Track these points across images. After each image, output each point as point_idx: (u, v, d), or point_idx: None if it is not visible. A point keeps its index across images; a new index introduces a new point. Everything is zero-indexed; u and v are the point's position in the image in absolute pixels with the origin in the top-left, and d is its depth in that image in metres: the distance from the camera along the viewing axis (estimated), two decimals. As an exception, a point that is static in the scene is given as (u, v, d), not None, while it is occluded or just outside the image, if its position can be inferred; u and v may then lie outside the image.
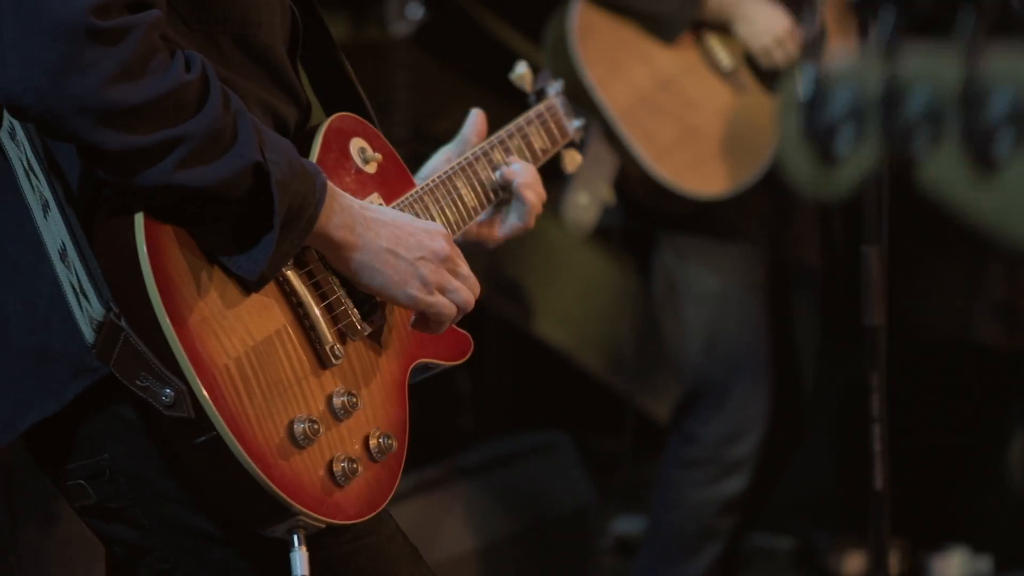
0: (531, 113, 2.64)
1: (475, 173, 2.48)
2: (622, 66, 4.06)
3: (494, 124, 2.61)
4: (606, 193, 4.03)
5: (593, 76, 4.00)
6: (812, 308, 4.39)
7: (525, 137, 2.59)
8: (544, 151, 2.63)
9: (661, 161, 4.02)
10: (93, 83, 1.93)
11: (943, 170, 1.04)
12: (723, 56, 4.12)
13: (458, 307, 2.26)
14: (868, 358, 3.08)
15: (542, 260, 5.27)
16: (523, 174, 2.51)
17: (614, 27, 4.08)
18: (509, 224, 2.53)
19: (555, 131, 2.67)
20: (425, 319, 2.27)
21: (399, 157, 2.40)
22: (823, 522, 5.13)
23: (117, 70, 1.94)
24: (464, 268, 2.28)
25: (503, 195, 2.52)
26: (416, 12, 5.14)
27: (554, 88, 2.72)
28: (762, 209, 4.22)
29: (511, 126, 2.60)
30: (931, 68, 1.05)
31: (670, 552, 4.25)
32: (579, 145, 2.75)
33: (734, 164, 4.08)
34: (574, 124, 2.72)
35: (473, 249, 2.52)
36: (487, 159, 2.52)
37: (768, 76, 4.14)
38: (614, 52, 4.06)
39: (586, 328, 5.34)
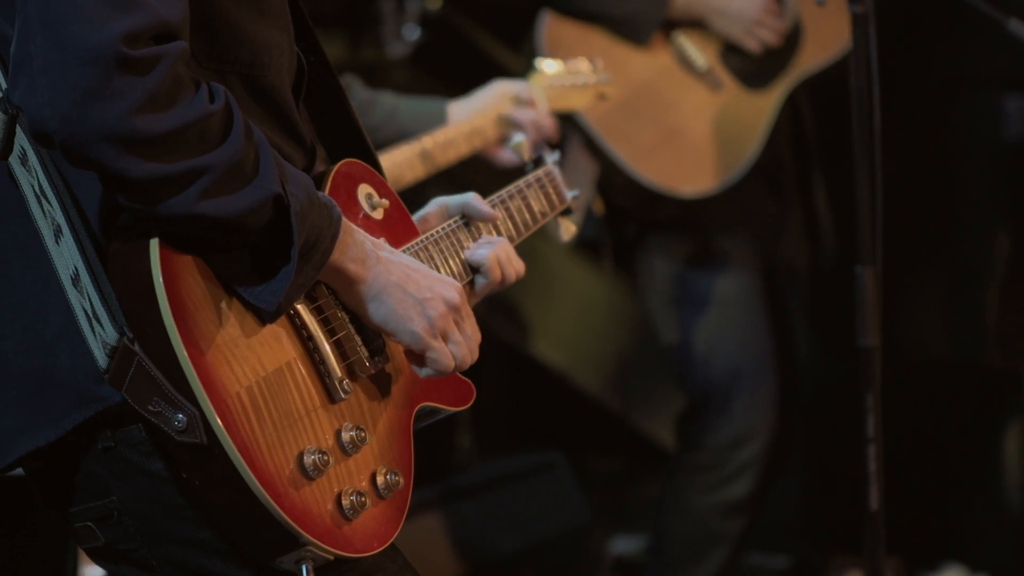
0: (530, 177, 2.68)
1: (478, 229, 2.50)
2: None
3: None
4: (589, 202, 4.04)
5: None
6: (802, 325, 4.42)
7: (525, 199, 2.63)
8: (543, 214, 2.66)
9: (643, 164, 4.03)
10: (120, 111, 1.94)
11: None
12: (696, 55, 4.12)
13: (455, 361, 2.25)
14: (863, 379, 3.09)
15: (538, 281, 5.27)
16: (492, 251, 2.46)
17: (584, 37, 4.09)
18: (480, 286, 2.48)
19: (553, 196, 2.71)
20: (422, 360, 2.26)
21: (404, 205, 2.42)
22: (819, 541, 5.14)
23: (144, 99, 1.95)
24: (470, 326, 2.28)
25: None
26: (413, 33, 5.16)
27: (552, 157, 2.77)
28: (753, 211, 4.24)
29: (511, 187, 2.63)
30: None
31: (677, 559, 4.26)
32: (573, 214, 2.80)
33: (717, 161, 4.09)
34: (570, 193, 2.76)
35: None
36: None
37: (744, 72, 4.14)
38: None
39: (583, 348, 5.35)
